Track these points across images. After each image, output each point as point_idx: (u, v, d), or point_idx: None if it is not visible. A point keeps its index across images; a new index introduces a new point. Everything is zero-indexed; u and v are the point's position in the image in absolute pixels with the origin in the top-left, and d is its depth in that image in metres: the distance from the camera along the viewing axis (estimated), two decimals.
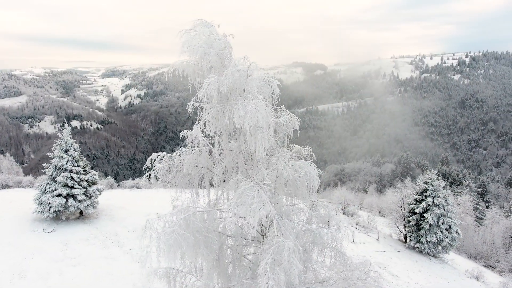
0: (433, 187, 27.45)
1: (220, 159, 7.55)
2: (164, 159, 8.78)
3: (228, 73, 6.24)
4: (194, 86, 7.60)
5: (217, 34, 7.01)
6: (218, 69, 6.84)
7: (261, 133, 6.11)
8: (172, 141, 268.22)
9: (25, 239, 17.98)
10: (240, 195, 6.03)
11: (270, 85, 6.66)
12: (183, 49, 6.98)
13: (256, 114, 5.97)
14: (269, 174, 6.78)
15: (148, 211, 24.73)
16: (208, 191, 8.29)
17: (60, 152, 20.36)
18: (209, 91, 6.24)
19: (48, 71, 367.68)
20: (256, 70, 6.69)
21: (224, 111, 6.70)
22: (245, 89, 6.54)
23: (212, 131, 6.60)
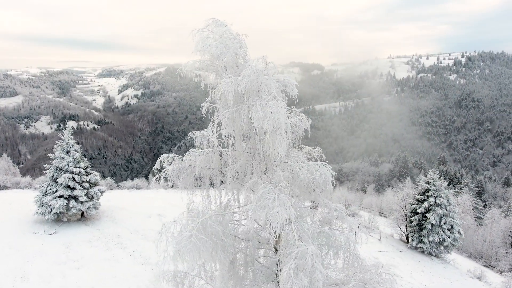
0: (435, 187, 27.45)
1: (233, 161, 7.39)
2: (174, 161, 8.63)
3: (246, 73, 6.09)
4: (207, 87, 7.43)
5: (231, 33, 6.85)
6: (232, 69, 6.69)
7: (280, 135, 5.97)
8: (169, 141, 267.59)
9: (26, 241, 17.73)
10: (260, 198, 5.88)
11: (287, 85, 6.52)
12: (196, 48, 6.82)
13: (276, 116, 5.84)
14: (285, 176, 6.64)
15: (150, 212, 24.61)
16: (220, 193, 8.14)
17: (61, 153, 20.12)
18: (226, 91, 6.08)
19: (44, 71, 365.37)
20: (274, 70, 6.54)
21: (240, 112, 6.55)
22: (262, 90, 6.39)
23: (227, 132, 6.44)
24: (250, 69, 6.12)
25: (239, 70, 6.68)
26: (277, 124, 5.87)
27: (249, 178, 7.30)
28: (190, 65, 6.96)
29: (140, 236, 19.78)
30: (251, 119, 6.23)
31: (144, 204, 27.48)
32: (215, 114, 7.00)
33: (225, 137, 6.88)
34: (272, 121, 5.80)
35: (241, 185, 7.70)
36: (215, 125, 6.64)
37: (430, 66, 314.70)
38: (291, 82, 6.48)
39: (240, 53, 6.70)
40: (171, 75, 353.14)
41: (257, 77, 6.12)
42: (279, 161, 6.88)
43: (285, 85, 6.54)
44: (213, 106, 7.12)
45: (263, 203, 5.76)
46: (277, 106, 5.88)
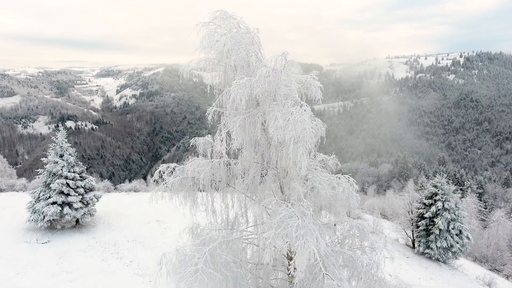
0: (443, 191, 26.59)
1: (242, 173, 6.46)
2: (175, 172, 7.71)
3: (262, 73, 5.18)
4: (212, 89, 6.52)
5: (242, 27, 5.93)
6: (244, 68, 5.77)
7: (303, 147, 5.05)
8: (167, 141, 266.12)
9: (17, 251, 16.75)
10: (280, 224, 4.98)
11: (309, 87, 5.61)
12: (202, 44, 5.92)
13: (300, 125, 4.94)
14: (304, 192, 5.73)
15: (148, 217, 23.62)
16: (227, 208, 7.23)
17: (54, 157, 19.13)
18: (238, 95, 5.16)
19: (42, 71, 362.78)
20: (296, 69, 5.62)
21: (253, 119, 5.63)
22: (278, 93, 5.47)
23: (237, 142, 5.52)
24: (267, 68, 5.20)
25: (250, 69, 5.77)
26: (301, 135, 4.95)
27: (261, 193, 6.40)
28: (194, 64, 6.03)
29: (138, 245, 18.82)
30: (267, 128, 5.30)
31: (143, 208, 26.46)
32: (223, 121, 6.09)
33: (234, 146, 5.92)
34: (295, 131, 4.89)
35: (252, 200, 6.80)
36: (224, 133, 5.70)
37: (428, 66, 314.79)
38: (315, 83, 5.56)
39: (252, 50, 5.79)
40: (169, 75, 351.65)
41: (275, 78, 5.21)
42: (296, 175, 5.96)
43: (306, 87, 5.63)
44: (220, 110, 6.20)
45: (284, 230, 4.85)
46: (301, 113, 4.97)
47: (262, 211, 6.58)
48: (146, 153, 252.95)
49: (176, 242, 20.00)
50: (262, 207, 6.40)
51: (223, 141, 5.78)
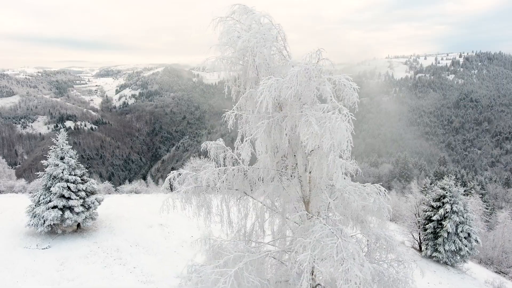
0: (451, 193, 26.07)
1: (263, 182, 5.92)
2: (187, 179, 7.16)
3: (294, 73, 4.64)
4: (230, 89, 5.96)
5: (265, 22, 5.37)
6: (268, 67, 5.22)
7: (339, 156, 4.51)
8: (167, 141, 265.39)
9: (17, 257, 16.17)
10: (317, 245, 4.44)
11: (343, 89, 5.06)
12: (221, 41, 5.37)
13: (339, 132, 4.39)
14: (335, 204, 5.18)
15: (151, 221, 23.05)
16: (245, 219, 6.68)
17: (55, 159, 18.56)
18: (267, 97, 4.61)
19: (41, 71, 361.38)
20: (331, 68, 5.06)
21: (280, 124, 5.08)
22: (309, 95, 4.92)
23: (262, 149, 4.96)
24: (299, 67, 4.65)
25: (275, 68, 5.20)
26: (338, 142, 4.41)
27: (282, 204, 5.86)
28: (210, 64, 5.47)
29: (141, 250, 18.26)
30: (296, 134, 4.76)
31: (145, 211, 25.91)
32: (244, 125, 5.52)
33: (257, 154, 5.34)
34: (332, 138, 4.35)
35: (272, 210, 6.25)
36: (248, 140, 5.11)
37: (428, 66, 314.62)
38: (349, 85, 5.01)
39: (276, 47, 5.22)
40: (169, 75, 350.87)
41: (308, 78, 4.66)
42: (325, 185, 5.42)
43: (339, 89, 5.08)
44: (238, 114, 5.64)
45: (322, 252, 4.30)
46: (341, 119, 4.42)
47: (284, 224, 6.05)
48: (145, 153, 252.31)
49: (180, 247, 19.47)
50: (285, 219, 5.88)
51: (246, 147, 5.17)
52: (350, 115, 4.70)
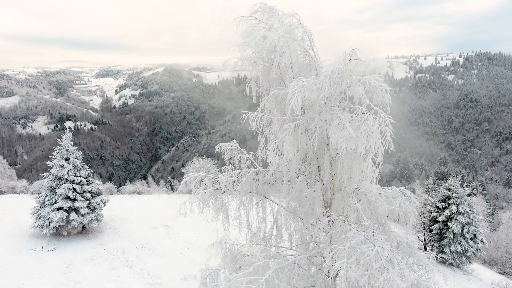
0: (457, 194, 25.95)
1: (287, 186, 5.77)
2: (204, 182, 7.01)
3: (326, 75, 4.50)
4: (251, 90, 5.81)
5: (290, 22, 5.22)
6: (295, 68, 5.07)
7: (370, 159, 4.37)
8: (167, 141, 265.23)
9: (22, 260, 16.00)
10: (352, 252, 4.28)
11: (374, 91, 4.91)
12: (244, 41, 5.22)
13: (375, 136, 4.25)
14: (363, 209, 5.04)
15: (155, 222, 22.91)
16: (265, 223, 6.54)
17: (60, 160, 18.40)
18: (299, 99, 4.46)
19: (41, 71, 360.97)
20: (364, 69, 4.92)
21: (308, 126, 4.93)
22: (338, 97, 4.78)
23: (290, 153, 4.80)
24: (332, 68, 4.51)
25: (300, 70, 5.05)
26: (375, 146, 4.27)
27: (304, 208, 5.72)
28: (233, 64, 5.32)
29: (147, 252, 18.10)
30: (325, 137, 4.62)
31: (149, 212, 25.79)
32: (268, 128, 5.36)
33: (285, 158, 5.16)
34: (369, 143, 4.20)
35: (294, 215, 6.10)
36: (275, 143, 4.93)
37: (428, 67, 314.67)
38: (381, 86, 4.86)
39: (304, 47, 5.08)
40: (169, 75, 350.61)
41: (341, 79, 4.52)
42: (352, 190, 5.27)
43: (370, 91, 4.93)
44: (265, 116, 5.48)
45: (358, 259, 4.14)
46: (379, 122, 4.28)
47: (307, 228, 5.91)
48: (145, 153, 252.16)
49: (186, 249, 19.32)
50: (309, 224, 5.74)
51: (275, 151, 4.98)
52: (389, 118, 4.56)
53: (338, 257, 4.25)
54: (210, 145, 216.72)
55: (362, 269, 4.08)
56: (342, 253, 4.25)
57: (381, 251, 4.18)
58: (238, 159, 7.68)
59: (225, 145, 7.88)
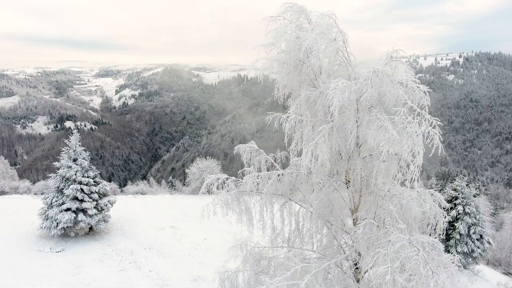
0: (463, 194, 25.89)
1: (318, 188, 5.69)
2: (227, 184, 6.94)
3: (367, 76, 4.43)
4: (278, 91, 5.73)
5: (326, 22, 5.14)
6: (328, 69, 4.99)
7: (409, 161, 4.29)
8: (167, 141, 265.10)
9: (31, 261, 15.91)
10: (397, 256, 4.20)
11: (412, 92, 4.83)
12: (275, 40, 5.14)
13: (419, 138, 4.18)
14: (397, 212, 4.96)
15: (162, 223, 22.82)
16: (290, 225, 6.46)
17: (68, 161, 18.31)
18: (338, 101, 4.38)
19: (40, 71, 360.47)
20: (401, 69, 4.84)
21: (343, 128, 4.85)
22: (376, 98, 4.70)
23: (324, 157, 4.71)
24: (373, 69, 4.44)
25: (334, 71, 4.98)
26: (418, 150, 4.19)
27: (334, 211, 5.64)
28: (260, 64, 5.23)
29: (156, 253, 18.01)
30: (357, 139, 4.55)
31: (154, 213, 25.69)
32: (301, 130, 5.28)
33: (319, 161, 5.07)
34: (414, 145, 4.13)
35: (323, 219, 6.02)
36: (311, 145, 4.84)
37: (428, 67, 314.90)
38: (420, 87, 4.78)
39: (338, 48, 5.00)
40: (168, 75, 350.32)
41: (380, 81, 4.44)
42: (383, 192, 5.19)
43: (408, 92, 4.85)
44: (292, 117, 5.39)
45: (403, 263, 4.06)
46: (425, 125, 4.21)
47: (336, 231, 5.83)
48: (145, 153, 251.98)
49: (194, 250, 19.23)
50: (338, 228, 5.67)
51: (308, 154, 4.88)
52: (436, 121, 4.49)
53: (381, 262, 4.18)
54: (210, 145, 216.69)
55: (408, 274, 4.01)
56: (385, 258, 4.18)
57: (427, 256, 4.11)
58: (258, 160, 7.61)
59: (244, 146, 7.81)
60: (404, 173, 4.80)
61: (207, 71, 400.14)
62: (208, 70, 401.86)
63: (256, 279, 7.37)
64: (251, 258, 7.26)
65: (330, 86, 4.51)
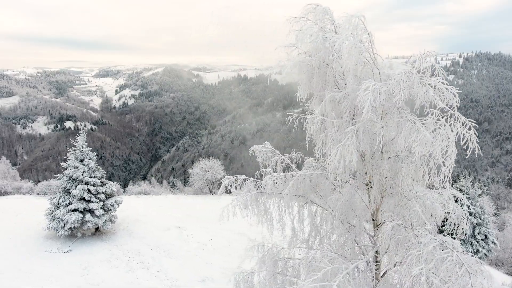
0: (468, 194, 25.90)
1: (340, 189, 5.69)
2: (246, 184, 6.94)
3: (400, 78, 4.43)
4: (303, 93, 5.73)
5: (355, 23, 5.14)
6: (356, 70, 4.99)
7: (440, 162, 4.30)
8: (167, 141, 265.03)
9: (39, 262, 15.89)
10: (430, 257, 4.20)
11: (439, 94, 4.83)
12: (298, 42, 5.14)
13: (452, 140, 4.18)
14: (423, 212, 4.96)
15: (167, 224, 22.81)
16: (311, 227, 6.46)
17: (75, 161, 18.29)
18: (369, 102, 4.38)
19: (40, 71, 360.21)
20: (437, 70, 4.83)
21: (371, 130, 4.85)
22: (402, 100, 4.70)
23: (352, 158, 4.71)
24: (404, 70, 4.44)
25: (360, 72, 4.98)
26: (451, 150, 4.20)
27: (360, 211, 5.64)
28: (291, 66, 5.22)
29: (163, 253, 18.00)
30: (392, 139, 4.54)
31: (158, 214, 25.68)
32: (326, 131, 5.27)
33: (347, 163, 5.07)
34: (448, 146, 4.13)
35: (344, 219, 6.01)
36: (339, 149, 4.83)
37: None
38: (448, 88, 4.78)
39: (361, 49, 5.00)
40: (168, 75, 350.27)
41: (412, 83, 4.45)
42: (408, 193, 5.19)
43: (438, 93, 4.86)
44: (319, 118, 5.38)
45: (437, 265, 4.06)
46: (460, 126, 4.21)
47: (360, 233, 5.84)
48: (145, 154, 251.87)
49: (201, 250, 19.21)
50: (361, 229, 5.68)
51: (338, 154, 4.88)
52: (471, 122, 4.49)
53: (414, 263, 4.18)
54: (210, 145, 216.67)
55: (443, 275, 4.01)
56: (418, 259, 4.19)
57: (462, 257, 4.12)
58: (274, 161, 7.63)
59: (259, 147, 7.83)
60: (432, 174, 4.81)
61: (207, 71, 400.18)
62: (208, 70, 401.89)
63: (274, 280, 7.38)
64: (269, 259, 7.25)
65: (361, 88, 4.52)
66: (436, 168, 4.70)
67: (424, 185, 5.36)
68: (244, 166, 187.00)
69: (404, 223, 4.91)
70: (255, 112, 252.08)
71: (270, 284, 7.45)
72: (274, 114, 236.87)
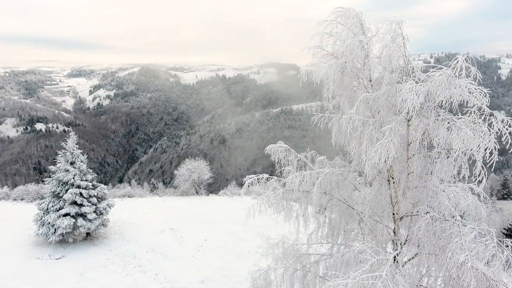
0: None
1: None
2: (271, 183, 7.08)
3: (442, 80, 4.69)
4: (330, 94, 5.93)
5: (395, 28, 5.39)
6: (387, 73, 5.25)
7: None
8: (144, 142, 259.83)
9: (31, 270, 15.31)
10: (470, 246, 4.49)
11: (472, 94, 5.16)
12: (328, 45, 5.34)
13: (492, 137, 4.49)
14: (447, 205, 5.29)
15: (160, 226, 22.53)
16: (340, 223, 6.68)
17: (65, 164, 17.74)
18: (412, 102, 4.64)
19: (8, 71, 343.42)
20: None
21: (403, 127, 5.11)
22: (440, 100, 5.01)
23: (391, 153, 4.95)
24: (445, 72, 4.72)
25: (392, 73, 5.24)
26: (490, 146, 4.51)
27: (388, 206, 5.91)
28: (324, 69, 5.40)
29: (159, 256, 17.78)
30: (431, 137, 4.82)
31: (150, 216, 25.28)
32: (361, 129, 5.48)
33: (382, 162, 5.31)
34: (489, 142, 4.44)
35: (372, 214, 6.26)
36: (379, 146, 5.02)
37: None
38: (478, 89, 5.10)
39: (401, 52, 5.27)
40: (145, 75, 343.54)
41: (449, 84, 4.74)
42: (436, 187, 5.51)
43: (467, 93, 5.18)
44: (355, 117, 5.58)
45: (480, 252, 4.35)
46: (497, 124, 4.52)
47: (385, 227, 6.12)
48: (122, 156, 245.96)
49: (197, 251, 19.11)
50: (388, 224, 5.96)
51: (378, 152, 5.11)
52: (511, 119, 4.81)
53: (458, 251, 4.46)
54: (189, 146, 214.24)
55: (485, 261, 4.33)
56: (462, 247, 4.48)
57: (502, 243, 4.45)
58: (290, 160, 7.81)
59: (275, 146, 7.99)
60: (464, 170, 5.13)
61: (185, 71, 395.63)
62: (185, 70, 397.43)
63: (296, 276, 7.55)
64: (290, 255, 7.42)
65: (403, 88, 4.78)
66: (472, 163, 5.02)
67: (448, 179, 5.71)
68: (223, 166, 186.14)
69: (439, 215, 5.22)
70: (234, 112, 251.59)
71: (291, 280, 7.63)
72: (253, 113, 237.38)
